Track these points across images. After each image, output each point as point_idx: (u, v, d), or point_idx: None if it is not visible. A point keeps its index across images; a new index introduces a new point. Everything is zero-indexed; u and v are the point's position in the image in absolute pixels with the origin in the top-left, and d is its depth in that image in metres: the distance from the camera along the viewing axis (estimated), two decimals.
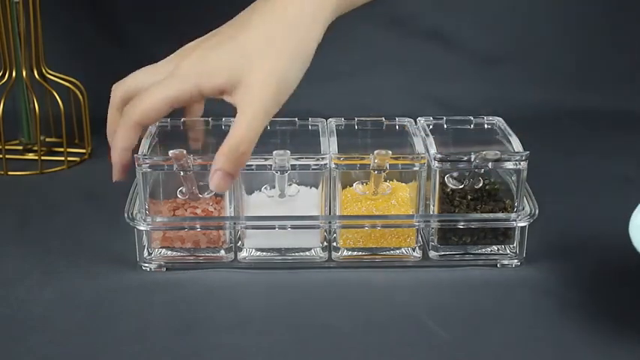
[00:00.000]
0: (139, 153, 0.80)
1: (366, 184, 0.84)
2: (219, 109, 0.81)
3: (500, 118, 0.88)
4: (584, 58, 1.28)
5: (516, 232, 0.83)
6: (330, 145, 0.83)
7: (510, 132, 0.85)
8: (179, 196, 0.82)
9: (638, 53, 1.29)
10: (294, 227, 0.82)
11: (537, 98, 1.25)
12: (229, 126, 0.81)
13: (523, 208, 0.82)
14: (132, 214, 0.81)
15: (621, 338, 0.73)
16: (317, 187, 0.83)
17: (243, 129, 0.72)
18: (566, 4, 1.27)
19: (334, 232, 0.84)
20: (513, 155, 0.81)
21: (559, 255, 0.85)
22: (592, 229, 0.90)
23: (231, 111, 0.75)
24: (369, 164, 0.81)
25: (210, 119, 0.87)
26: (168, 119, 0.87)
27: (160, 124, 0.86)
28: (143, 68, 0.79)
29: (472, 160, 0.80)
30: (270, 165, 0.80)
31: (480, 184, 0.82)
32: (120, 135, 0.76)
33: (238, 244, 0.84)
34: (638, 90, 1.27)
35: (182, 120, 0.85)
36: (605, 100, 1.25)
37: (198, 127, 0.86)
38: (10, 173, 1.05)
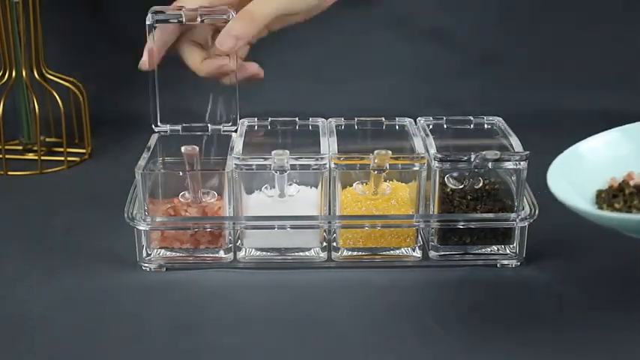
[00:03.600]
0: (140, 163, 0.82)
1: (366, 184, 0.84)
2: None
3: (500, 118, 0.88)
4: (585, 58, 1.28)
5: (516, 232, 0.83)
6: (329, 145, 0.83)
7: (510, 132, 0.85)
8: (181, 199, 0.83)
9: (638, 53, 1.29)
10: (293, 227, 0.82)
11: (537, 98, 1.25)
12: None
13: (523, 208, 0.82)
14: (131, 214, 0.81)
15: (621, 338, 0.73)
16: (317, 187, 0.83)
17: (247, 23, 0.84)
18: (566, 3, 1.27)
19: (334, 232, 0.84)
20: (513, 155, 0.81)
21: (559, 255, 0.85)
22: (592, 228, 0.90)
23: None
24: (369, 164, 0.81)
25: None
26: (168, 126, 0.88)
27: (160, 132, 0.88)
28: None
29: (472, 160, 0.80)
30: (270, 165, 0.80)
31: (480, 184, 0.82)
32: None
33: (238, 244, 0.84)
34: (638, 90, 1.27)
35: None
36: (605, 100, 1.25)
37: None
38: (10, 173, 1.05)
